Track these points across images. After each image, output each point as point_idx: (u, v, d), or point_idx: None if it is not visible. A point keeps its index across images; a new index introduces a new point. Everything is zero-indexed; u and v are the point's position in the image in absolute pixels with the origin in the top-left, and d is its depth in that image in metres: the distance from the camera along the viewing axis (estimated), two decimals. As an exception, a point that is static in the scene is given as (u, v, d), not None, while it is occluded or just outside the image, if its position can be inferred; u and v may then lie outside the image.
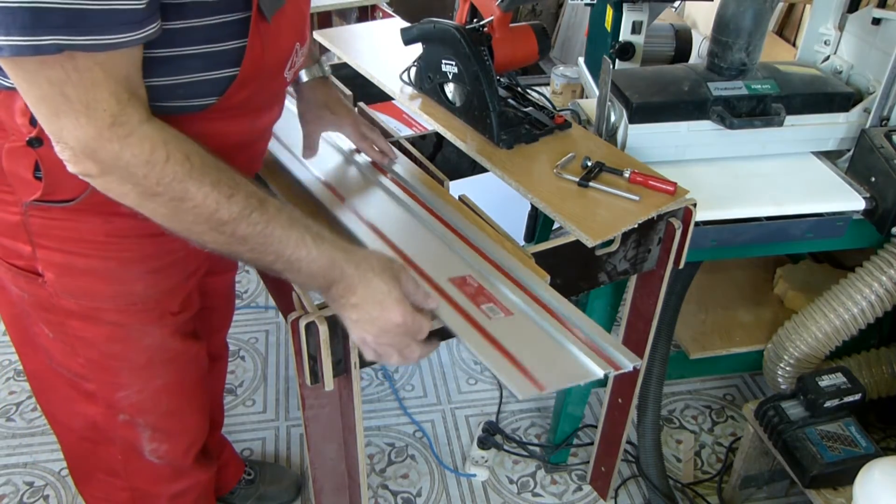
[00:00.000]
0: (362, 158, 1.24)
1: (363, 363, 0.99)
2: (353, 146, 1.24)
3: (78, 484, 1.23)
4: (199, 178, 0.74)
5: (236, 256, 0.80)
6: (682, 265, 1.26)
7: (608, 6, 1.76)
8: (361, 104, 1.50)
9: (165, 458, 1.15)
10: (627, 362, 0.87)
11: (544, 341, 0.89)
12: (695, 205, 1.19)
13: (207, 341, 1.30)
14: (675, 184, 1.17)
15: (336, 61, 1.69)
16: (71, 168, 0.73)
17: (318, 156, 1.21)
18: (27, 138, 0.81)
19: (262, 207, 0.77)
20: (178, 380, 1.09)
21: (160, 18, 0.72)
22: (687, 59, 1.86)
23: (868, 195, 1.35)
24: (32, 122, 0.80)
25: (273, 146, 1.24)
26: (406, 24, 1.37)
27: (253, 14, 0.78)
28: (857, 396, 1.45)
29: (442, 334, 0.95)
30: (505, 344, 0.87)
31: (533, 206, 1.78)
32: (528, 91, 1.42)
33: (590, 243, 1.07)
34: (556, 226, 1.87)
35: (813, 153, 1.47)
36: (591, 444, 1.71)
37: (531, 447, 1.81)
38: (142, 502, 1.20)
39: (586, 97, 1.85)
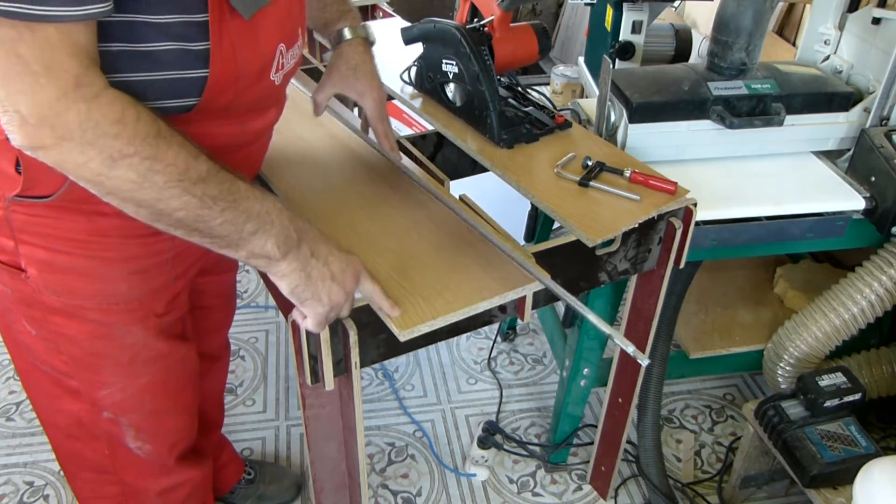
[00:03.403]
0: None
1: (363, 363, 0.99)
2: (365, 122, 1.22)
3: (70, 482, 1.22)
4: (169, 137, 0.73)
5: (206, 225, 0.77)
6: (682, 265, 1.26)
7: (608, 6, 1.75)
8: (362, 104, 1.50)
9: (150, 455, 1.14)
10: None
11: None
12: (695, 204, 1.19)
13: (206, 341, 1.30)
14: (676, 183, 1.17)
15: (336, 61, 1.68)
16: (18, 140, 0.69)
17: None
18: None
19: (223, 169, 0.78)
20: (162, 380, 1.08)
21: (127, 10, 0.70)
22: (687, 59, 1.86)
23: (868, 195, 1.35)
24: None
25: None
26: (406, 24, 1.37)
27: (212, 13, 0.75)
28: (857, 396, 1.45)
29: (448, 331, 0.95)
30: None
31: (533, 205, 1.78)
32: (529, 91, 1.42)
33: (590, 243, 1.07)
34: (556, 225, 1.87)
35: (813, 153, 1.47)
36: (591, 443, 1.71)
37: (531, 447, 1.81)
38: (132, 497, 1.19)
39: (586, 97, 1.85)
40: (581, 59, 1.99)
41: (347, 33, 1.14)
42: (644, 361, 0.92)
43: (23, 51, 0.65)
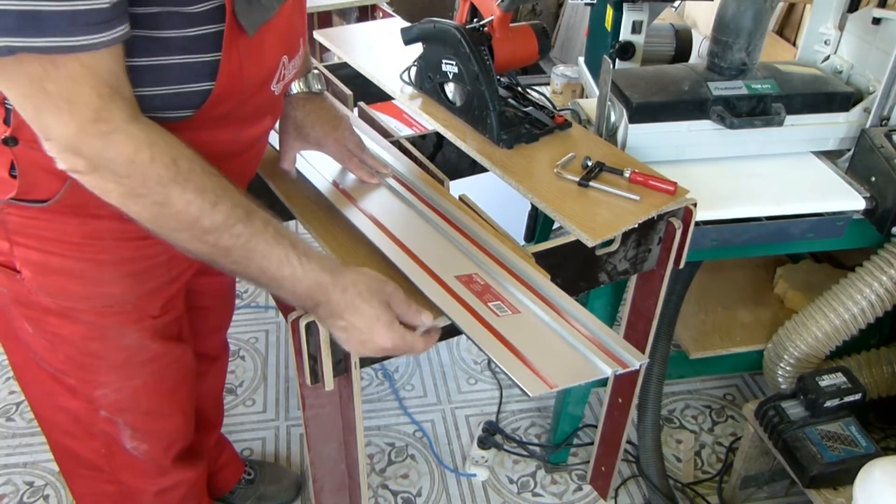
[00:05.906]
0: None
1: (363, 363, 0.99)
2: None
3: (67, 481, 1.22)
4: (183, 183, 0.74)
5: (221, 268, 0.81)
6: (682, 265, 1.26)
7: (608, 6, 1.75)
8: (361, 104, 1.50)
9: (146, 456, 1.14)
10: (634, 360, 0.87)
11: (552, 339, 0.90)
12: (695, 205, 1.19)
13: (204, 341, 1.30)
14: (676, 183, 1.17)
15: (336, 61, 1.69)
16: (59, 165, 0.73)
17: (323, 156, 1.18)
18: (2, 137, 0.81)
19: (247, 219, 0.78)
20: (157, 381, 1.08)
21: (133, 25, 0.71)
22: (687, 59, 1.86)
23: (868, 195, 1.35)
24: (7, 120, 0.80)
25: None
26: (406, 24, 1.37)
27: (227, 27, 0.76)
28: (857, 396, 1.45)
29: (449, 331, 0.95)
30: (513, 342, 0.87)
31: (533, 206, 1.78)
32: (529, 91, 1.42)
33: (590, 243, 1.07)
34: (556, 226, 1.87)
35: (813, 153, 1.47)
36: (591, 443, 1.71)
37: (531, 447, 1.81)
38: (129, 497, 1.19)
39: (586, 97, 1.85)
40: (581, 59, 1.99)
41: (293, 87, 1.12)
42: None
43: (49, 86, 0.67)
